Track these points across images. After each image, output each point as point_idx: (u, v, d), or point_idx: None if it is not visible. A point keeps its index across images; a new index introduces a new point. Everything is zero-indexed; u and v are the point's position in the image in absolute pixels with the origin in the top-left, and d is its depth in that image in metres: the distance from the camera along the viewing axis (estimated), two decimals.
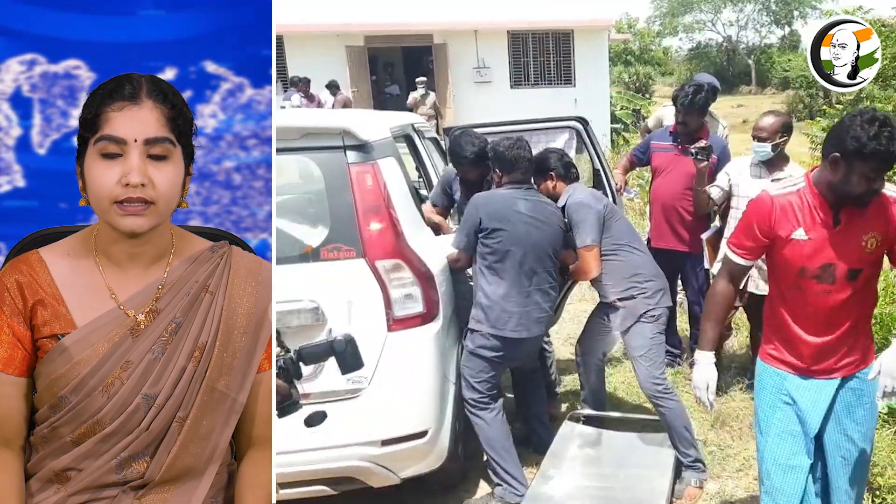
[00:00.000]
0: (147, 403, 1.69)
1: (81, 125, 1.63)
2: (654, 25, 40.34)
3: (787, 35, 39.75)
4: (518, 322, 3.51)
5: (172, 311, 1.72)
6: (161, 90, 1.65)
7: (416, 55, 19.41)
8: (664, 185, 4.81)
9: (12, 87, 2.16)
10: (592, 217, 3.65)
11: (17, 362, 1.67)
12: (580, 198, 3.73)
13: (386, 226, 3.14)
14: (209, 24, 2.17)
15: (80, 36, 2.14)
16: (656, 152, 4.89)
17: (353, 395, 3.08)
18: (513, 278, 3.49)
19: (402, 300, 3.15)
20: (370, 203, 3.13)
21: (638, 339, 3.70)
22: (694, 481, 3.62)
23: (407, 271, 3.16)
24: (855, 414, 2.64)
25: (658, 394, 3.65)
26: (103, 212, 1.62)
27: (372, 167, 3.17)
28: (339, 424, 3.04)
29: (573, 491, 3.48)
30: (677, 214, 4.72)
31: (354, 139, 3.16)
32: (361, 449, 3.10)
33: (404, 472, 3.23)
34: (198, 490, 1.76)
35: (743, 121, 19.21)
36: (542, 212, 3.59)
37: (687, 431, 3.68)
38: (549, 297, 3.64)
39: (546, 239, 3.57)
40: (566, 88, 17.44)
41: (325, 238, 3.12)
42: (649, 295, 3.70)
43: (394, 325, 3.13)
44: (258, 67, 2.19)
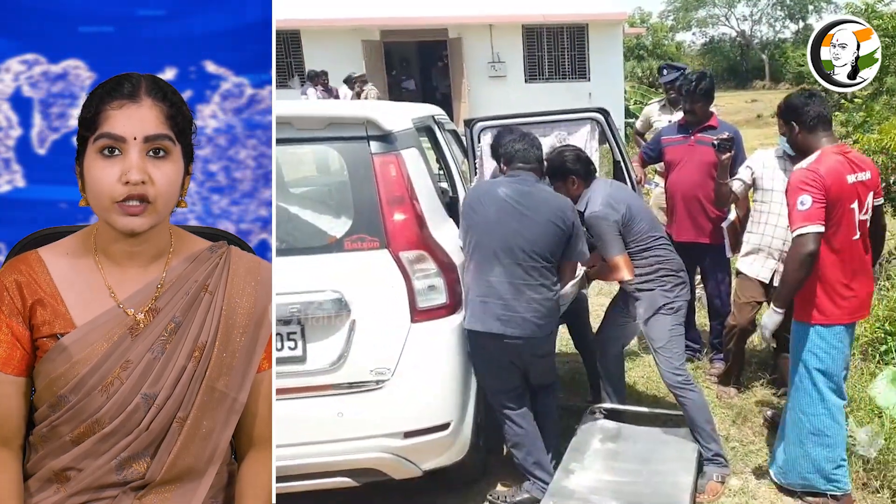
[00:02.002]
0: (147, 403, 1.69)
1: (81, 124, 1.64)
2: (668, 20, 40.20)
3: (802, 30, 39.55)
4: (472, 313, 3.27)
5: (172, 311, 1.72)
6: (160, 88, 1.65)
7: (431, 50, 19.42)
8: (681, 177, 4.76)
9: (12, 87, 2.16)
10: (610, 231, 3.59)
11: (15, 362, 1.68)
12: (596, 211, 3.61)
13: (409, 216, 3.12)
14: (209, 24, 2.17)
15: (80, 36, 2.15)
16: (668, 146, 4.84)
17: (376, 387, 3.06)
18: (477, 264, 3.30)
19: (426, 291, 3.13)
20: (394, 194, 3.11)
21: (657, 331, 3.67)
22: (716, 476, 3.60)
23: (430, 262, 3.14)
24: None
25: (679, 385, 3.64)
26: (103, 210, 1.62)
27: (395, 157, 3.15)
28: (361, 416, 3.06)
29: (596, 485, 3.45)
30: (698, 205, 4.67)
31: (378, 129, 3.14)
32: (384, 441, 3.08)
33: (426, 465, 3.21)
34: (198, 490, 1.77)
35: (757, 115, 19.12)
36: (530, 200, 3.34)
37: (708, 424, 3.66)
38: (522, 295, 3.28)
39: (526, 230, 3.29)
40: (580, 83, 17.42)
41: (348, 229, 3.10)
42: (668, 288, 3.68)
43: (417, 316, 3.11)
44: (258, 67, 2.19)
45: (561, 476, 3.49)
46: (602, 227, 3.59)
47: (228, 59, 2.19)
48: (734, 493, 3.58)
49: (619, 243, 3.61)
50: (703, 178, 4.59)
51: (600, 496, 3.37)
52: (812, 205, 3.11)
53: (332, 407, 3.06)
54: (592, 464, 3.62)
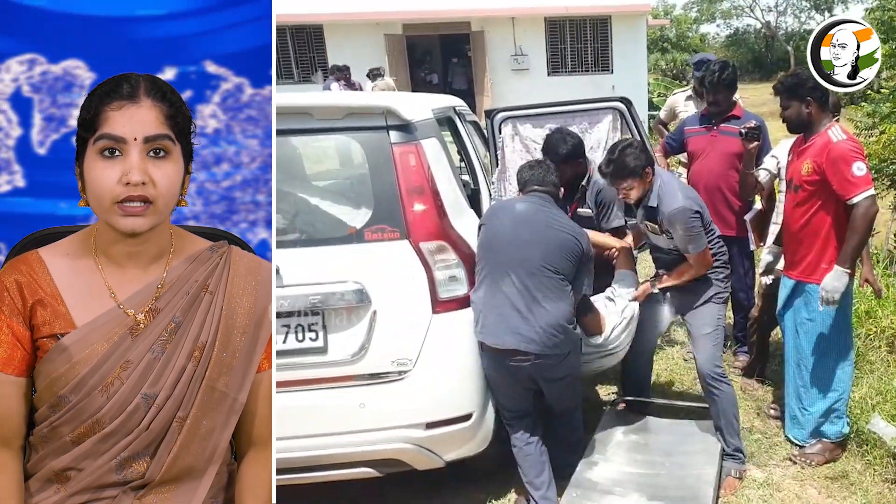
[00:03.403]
0: (147, 403, 1.69)
1: (80, 125, 1.63)
2: (692, 12, 39.74)
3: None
4: (484, 325, 3.16)
5: (172, 311, 1.72)
6: (159, 88, 1.65)
7: (454, 43, 19.38)
8: (703, 168, 4.70)
9: (12, 87, 2.17)
10: (698, 224, 3.48)
11: (16, 362, 1.67)
12: (685, 204, 3.46)
13: (430, 207, 3.11)
14: (209, 24, 2.17)
15: (80, 36, 2.14)
16: (691, 137, 4.79)
17: (398, 378, 3.06)
18: (490, 275, 3.19)
19: (447, 282, 3.12)
20: (414, 184, 3.10)
21: (706, 319, 3.63)
22: (734, 472, 3.57)
23: (451, 253, 3.13)
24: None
25: (717, 376, 3.58)
26: (103, 211, 1.62)
27: (415, 147, 3.14)
28: (383, 407, 3.06)
29: (619, 477, 3.44)
30: (721, 196, 4.61)
31: (397, 119, 3.13)
32: (406, 431, 3.08)
33: (449, 455, 3.20)
34: (198, 490, 1.77)
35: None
36: (546, 216, 3.27)
37: (736, 420, 3.61)
38: (537, 307, 3.14)
39: (541, 241, 3.20)
40: (604, 75, 17.34)
41: (368, 219, 3.10)
42: (721, 277, 3.67)
43: (438, 307, 3.10)
44: (258, 67, 2.18)
45: (583, 468, 3.48)
46: (693, 222, 3.46)
47: (228, 59, 2.19)
48: (758, 486, 3.55)
49: (704, 235, 3.53)
50: (726, 169, 4.54)
51: (623, 488, 3.36)
52: (866, 170, 3.38)
53: (354, 398, 3.06)
54: (615, 456, 3.61)
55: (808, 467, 3.66)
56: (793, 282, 3.72)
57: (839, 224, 3.49)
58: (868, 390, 4.20)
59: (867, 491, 3.45)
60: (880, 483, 3.50)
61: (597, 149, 4.50)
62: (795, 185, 3.62)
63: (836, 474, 3.61)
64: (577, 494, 3.30)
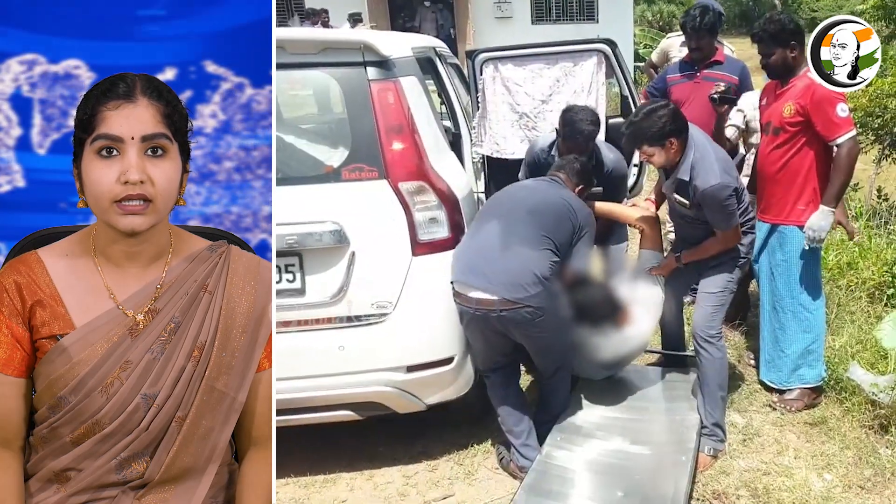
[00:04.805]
0: (146, 403, 1.69)
1: (77, 126, 1.63)
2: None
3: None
4: (456, 265, 3.07)
5: (171, 311, 1.72)
6: (155, 87, 1.65)
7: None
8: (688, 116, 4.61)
9: (12, 87, 2.16)
10: (734, 201, 3.22)
11: (15, 363, 1.67)
12: (723, 181, 3.17)
13: (409, 146, 3.04)
14: (209, 24, 2.16)
15: (80, 36, 2.14)
16: (674, 85, 4.71)
17: (377, 321, 3.02)
18: (475, 221, 3.17)
19: (427, 224, 3.07)
20: (392, 122, 3.02)
21: (715, 279, 3.43)
22: (708, 449, 3.33)
23: (431, 194, 3.06)
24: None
25: (708, 338, 3.36)
26: (102, 211, 1.62)
27: (394, 84, 3.05)
28: (363, 350, 3.02)
29: (602, 422, 3.44)
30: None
31: (375, 55, 3.04)
32: (386, 374, 3.06)
33: (430, 399, 3.19)
34: (198, 490, 1.78)
35: None
36: (551, 186, 3.27)
37: (720, 391, 3.38)
38: (517, 251, 3.02)
39: (537, 199, 3.18)
40: (589, 24, 17.12)
41: (345, 158, 3.02)
42: (747, 242, 3.47)
43: (418, 249, 3.05)
44: (258, 67, 2.16)
45: (568, 412, 3.46)
46: (729, 200, 3.20)
47: (228, 59, 2.18)
48: (738, 431, 3.55)
49: (737, 214, 3.30)
50: (712, 116, 4.44)
51: (606, 432, 3.36)
52: (849, 111, 3.43)
53: (333, 340, 3.03)
54: (599, 401, 3.60)
55: (788, 413, 3.67)
56: (768, 226, 3.67)
57: (818, 165, 3.49)
58: (848, 339, 4.21)
59: (845, 436, 3.47)
60: (858, 428, 3.52)
61: (580, 92, 4.42)
62: (775, 128, 3.56)
63: (815, 420, 3.62)
64: (560, 438, 3.29)
